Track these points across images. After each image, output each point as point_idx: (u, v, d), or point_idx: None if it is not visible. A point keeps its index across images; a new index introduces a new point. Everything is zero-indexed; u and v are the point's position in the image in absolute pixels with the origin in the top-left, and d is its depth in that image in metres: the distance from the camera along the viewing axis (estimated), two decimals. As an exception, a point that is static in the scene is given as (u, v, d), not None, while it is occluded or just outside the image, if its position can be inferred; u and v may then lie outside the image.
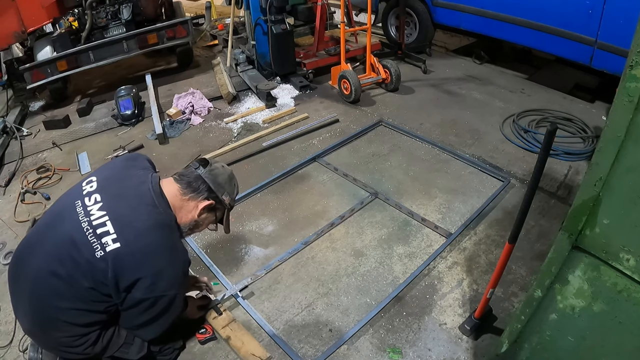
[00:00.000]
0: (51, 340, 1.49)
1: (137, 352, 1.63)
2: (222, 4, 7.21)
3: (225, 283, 2.23)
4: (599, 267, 1.12)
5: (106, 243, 1.36)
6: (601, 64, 3.53)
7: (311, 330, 2.00)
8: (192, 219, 1.57)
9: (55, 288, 1.39)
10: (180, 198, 1.54)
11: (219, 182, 1.58)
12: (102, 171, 1.61)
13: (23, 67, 3.89)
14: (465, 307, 2.08)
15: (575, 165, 3.05)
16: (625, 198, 1.02)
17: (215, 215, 1.66)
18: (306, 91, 4.34)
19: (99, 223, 1.38)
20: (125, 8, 4.34)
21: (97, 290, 1.39)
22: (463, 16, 4.56)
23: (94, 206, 1.41)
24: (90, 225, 1.38)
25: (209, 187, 1.56)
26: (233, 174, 1.68)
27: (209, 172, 1.57)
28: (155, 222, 1.43)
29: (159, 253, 1.41)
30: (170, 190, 1.54)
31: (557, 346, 1.33)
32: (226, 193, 1.60)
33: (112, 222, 1.38)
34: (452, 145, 3.32)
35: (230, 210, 1.71)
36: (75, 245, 1.37)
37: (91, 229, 1.37)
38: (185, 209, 1.55)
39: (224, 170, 1.63)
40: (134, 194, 1.47)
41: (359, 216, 2.67)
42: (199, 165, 1.59)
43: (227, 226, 1.73)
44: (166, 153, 3.45)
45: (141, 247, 1.38)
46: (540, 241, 2.42)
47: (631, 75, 0.92)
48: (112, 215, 1.39)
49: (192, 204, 1.55)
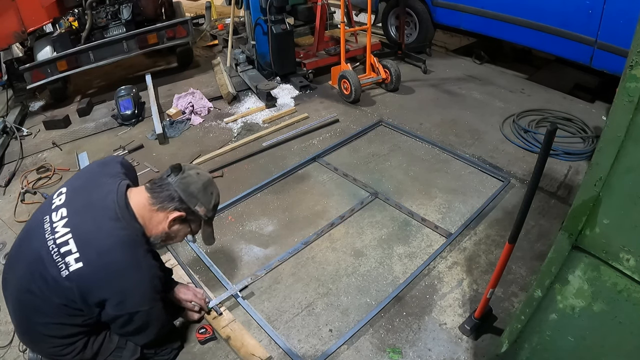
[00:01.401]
0: (40, 349, 1.51)
1: (130, 355, 1.61)
2: (222, 4, 7.20)
3: (225, 283, 2.23)
4: (599, 267, 1.12)
5: (69, 263, 1.32)
6: (601, 64, 3.53)
7: (311, 330, 2.00)
8: (163, 230, 1.47)
9: (32, 304, 1.40)
10: (149, 209, 1.44)
11: (190, 192, 1.45)
12: (74, 180, 1.55)
13: (23, 67, 3.89)
14: (465, 307, 2.08)
15: (575, 165, 3.05)
16: (625, 198, 1.02)
17: (189, 226, 1.54)
18: (306, 91, 4.34)
19: (62, 241, 1.34)
20: (125, 8, 4.34)
21: (69, 306, 1.37)
22: (463, 16, 4.56)
23: (59, 222, 1.37)
24: (55, 243, 1.34)
25: (179, 197, 1.44)
26: (211, 181, 1.55)
27: (180, 180, 1.45)
28: (117, 240, 1.35)
29: (122, 272, 1.35)
30: (138, 201, 1.45)
31: (557, 346, 1.33)
32: (200, 203, 1.47)
33: (75, 240, 1.34)
34: (452, 145, 3.32)
35: (209, 221, 1.58)
36: (43, 264, 1.34)
37: (56, 247, 1.34)
38: (155, 220, 1.45)
39: (198, 178, 1.49)
40: (99, 206, 1.40)
41: (359, 216, 2.67)
42: (170, 172, 1.47)
43: (206, 237, 1.62)
44: (166, 153, 3.45)
45: (104, 267, 1.33)
46: (540, 241, 2.42)
47: (631, 75, 0.92)
48: (75, 232, 1.35)
49: (162, 215, 1.45)
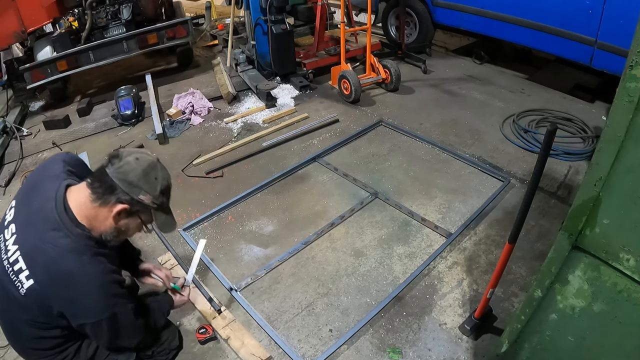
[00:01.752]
0: None
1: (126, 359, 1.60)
2: (222, 4, 7.20)
3: (225, 283, 2.23)
4: (599, 267, 1.12)
5: (22, 281, 1.29)
6: (601, 64, 3.53)
7: (311, 330, 2.00)
8: (111, 226, 1.36)
9: (10, 323, 1.42)
10: (91, 206, 1.33)
11: (130, 181, 1.31)
12: (20, 191, 1.48)
13: (23, 67, 3.89)
14: (465, 307, 2.08)
15: (575, 165, 3.05)
16: (625, 198, 1.02)
17: (139, 217, 1.41)
18: (306, 91, 4.34)
19: (14, 260, 1.31)
20: (125, 8, 4.34)
21: (37, 321, 1.36)
22: (463, 16, 4.56)
23: (10, 240, 1.34)
24: (9, 262, 1.32)
25: (120, 188, 1.31)
26: (153, 165, 1.37)
27: (117, 169, 1.31)
28: (59, 250, 1.27)
29: (68, 283, 1.27)
30: (79, 201, 1.34)
31: (557, 346, 1.33)
32: (143, 192, 1.33)
33: (23, 257, 1.29)
34: (452, 145, 3.32)
35: (161, 208, 1.42)
36: (3, 285, 1.33)
37: (10, 266, 1.31)
38: (100, 217, 1.34)
39: (137, 165, 1.33)
40: (39, 218, 1.32)
41: (359, 216, 2.67)
42: (108, 162, 1.34)
43: (162, 226, 1.48)
44: (166, 153, 3.45)
45: (50, 281, 1.28)
46: (540, 241, 2.42)
47: (631, 75, 0.92)
48: (22, 249, 1.30)
49: (106, 210, 1.33)
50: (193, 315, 2.09)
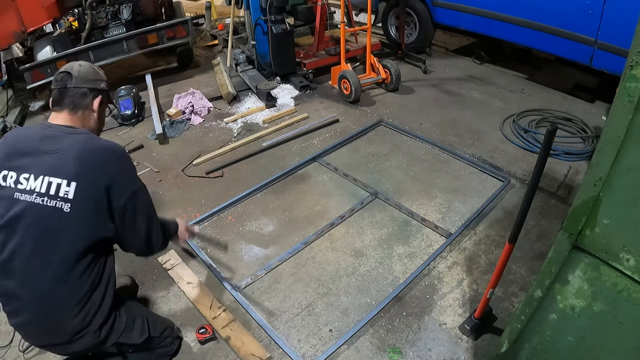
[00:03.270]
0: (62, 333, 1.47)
1: (140, 335, 1.64)
2: (222, 4, 7.21)
3: (225, 283, 2.23)
4: (599, 267, 1.12)
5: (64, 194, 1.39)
6: (601, 64, 3.53)
7: (311, 330, 2.00)
8: (96, 120, 1.64)
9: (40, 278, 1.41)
10: (76, 117, 1.57)
11: (91, 79, 1.61)
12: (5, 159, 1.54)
13: (23, 67, 3.89)
14: (465, 307, 2.08)
15: (575, 165, 3.05)
16: (625, 198, 1.02)
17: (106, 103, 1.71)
18: (306, 91, 4.34)
19: (46, 187, 1.40)
20: (125, 8, 4.34)
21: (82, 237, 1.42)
22: (463, 16, 4.56)
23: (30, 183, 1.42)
24: (41, 194, 1.40)
25: (88, 89, 1.59)
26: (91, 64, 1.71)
27: (77, 79, 1.58)
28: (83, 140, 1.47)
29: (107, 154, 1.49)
30: (63, 120, 1.55)
31: (557, 346, 1.33)
32: (100, 81, 1.65)
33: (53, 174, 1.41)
34: (452, 145, 3.32)
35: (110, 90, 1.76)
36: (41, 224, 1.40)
37: (45, 197, 1.40)
38: (85, 119, 1.59)
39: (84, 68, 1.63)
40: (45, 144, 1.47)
41: (359, 216, 2.67)
42: (64, 81, 1.58)
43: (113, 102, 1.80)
44: (166, 153, 3.45)
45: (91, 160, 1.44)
46: (540, 241, 2.42)
47: (631, 75, 0.92)
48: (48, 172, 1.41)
49: (88, 111, 1.60)
50: (193, 315, 2.09)
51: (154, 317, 1.78)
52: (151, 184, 3.07)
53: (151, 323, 1.70)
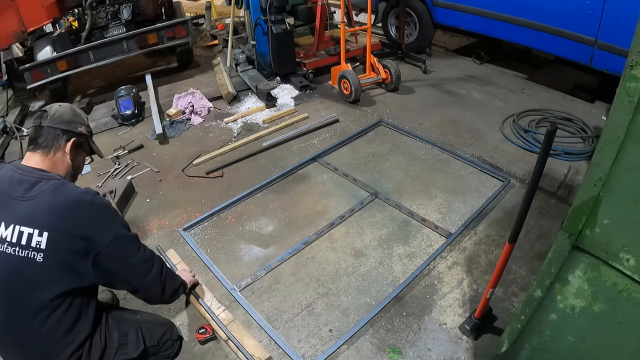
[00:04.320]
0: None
1: (135, 348, 1.60)
2: (222, 4, 7.21)
3: (225, 283, 2.23)
4: (599, 267, 1.12)
5: (35, 244, 1.34)
6: (601, 64, 3.53)
7: (311, 330, 2.00)
8: (68, 165, 1.57)
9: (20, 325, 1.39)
10: (47, 159, 1.51)
11: (67, 120, 1.56)
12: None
13: (23, 67, 3.89)
14: (465, 307, 2.08)
15: (575, 165, 3.05)
16: (625, 198, 1.02)
17: (83, 149, 1.66)
18: (306, 91, 4.34)
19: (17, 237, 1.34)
20: (125, 8, 4.34)
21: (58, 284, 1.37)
22: (463, 16, 4.56)
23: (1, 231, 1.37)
24: (13, 243, 1.34)
25: (62, 130, 1.54)
26: (72, 106, 1.66)
27: (52, 119, 1.54)
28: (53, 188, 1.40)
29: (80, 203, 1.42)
30: (35, 162, 1.50)
31: (557, 346, 1.33)
32: (79, 124, 1.60)
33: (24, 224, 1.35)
34: (452, 145, 3.32)
35: (92, 136, 1.71)
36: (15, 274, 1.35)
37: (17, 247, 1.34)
38: (59, 162, 1.54)
39: (63, 108, 1.60)
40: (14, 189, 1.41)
41: (359, 216, 2.67)
42: (39, 121, 1.54)
43: (98, 152, 1.73)
44: (166, 153, 3.45)
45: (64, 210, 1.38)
46: (540, 241, 2.42)
47: (631, 75, 0.92)
48: (18, 221, 1.36)
49: (60, 154, 1.54)
50: (193, 315, 2.09)
51: (149, 324, 1.73)
52: (151, 184, 3.08)
53: (146, 332, 1.66)
